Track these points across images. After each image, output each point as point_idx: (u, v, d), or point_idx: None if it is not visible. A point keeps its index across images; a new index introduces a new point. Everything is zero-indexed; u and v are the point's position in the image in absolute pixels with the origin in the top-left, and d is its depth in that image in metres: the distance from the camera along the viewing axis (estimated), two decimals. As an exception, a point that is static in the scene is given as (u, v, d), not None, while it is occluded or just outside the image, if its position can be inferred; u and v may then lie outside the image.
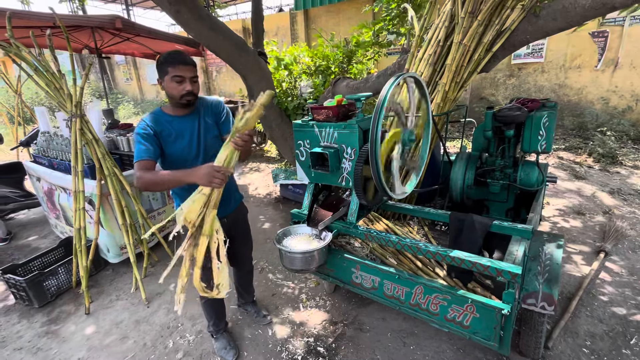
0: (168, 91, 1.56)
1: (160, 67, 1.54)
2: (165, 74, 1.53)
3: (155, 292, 2.72)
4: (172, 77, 1.52)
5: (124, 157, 3.17)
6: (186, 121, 1.65)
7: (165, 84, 1.55)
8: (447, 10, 2.54)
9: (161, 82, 1.57)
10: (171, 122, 1.61)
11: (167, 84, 1.54)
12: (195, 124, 1.66)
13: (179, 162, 1.63)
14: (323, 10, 8.99)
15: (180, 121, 1.63)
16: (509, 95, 7.10)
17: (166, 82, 1.54)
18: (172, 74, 1.52)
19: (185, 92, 1.54)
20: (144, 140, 1.53)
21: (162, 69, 1.53)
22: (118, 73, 15.17)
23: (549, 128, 2.18)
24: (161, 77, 1.56)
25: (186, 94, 1.55)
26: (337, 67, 4.45)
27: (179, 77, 1.52)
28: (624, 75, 5.96)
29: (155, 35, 4.38)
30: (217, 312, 2.05)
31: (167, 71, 1.52)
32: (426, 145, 1.93)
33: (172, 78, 1.52)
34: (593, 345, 2.02)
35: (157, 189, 1.50)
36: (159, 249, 3.19)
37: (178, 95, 1.55)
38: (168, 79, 1.53)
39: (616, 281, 2.57)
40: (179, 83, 1.53)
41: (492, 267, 1.37)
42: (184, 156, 1.64)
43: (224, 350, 2.05)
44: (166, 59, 1.52)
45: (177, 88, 1.54)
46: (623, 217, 3.45)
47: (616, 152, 4.99)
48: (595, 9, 2.00)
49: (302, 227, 1.90)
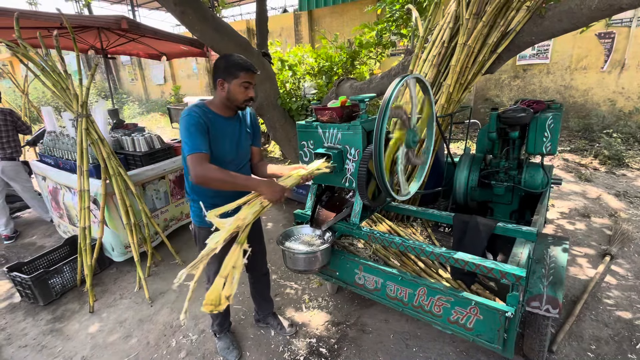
0: (233, 95, 1.57)
1: (230, 69, 1.54)
2: (234, 77, 1.54)
3: (159, 291, 2.74)
4: (241, 82, 1.55)
5: (129, 157, 3.19)
6: (229, 123, 1.65)
7: (232, 87, 1.55)
8: (452, 11, 2.53)
9: (223, 83, 1.56)
10: (216, 120, 1.60)
11: (234, 88, 1.55)
12: (237, 129, 1.67)
13: (214, 162, 1.57)
14: (327, 11, 9.00)
15: (224, 122, 1.63)
16: (513, 97, 7.05)
17: (233, 85, 1.55)
18: (242, 80, 1.54)
19: (249, 97, 1.59)
20: (200, 131, 1.50)
21: (232, 72, 1.53)
22: (123, 73, 15.29)
23: (554, 130, 2.17)
24: (226, 79, 1.55)
25: (248, 99, 1.60)
26: (340, 68, 4.45)
27: (247, 83, 1.56)
28: (630, 77, 5.90)
29: (161, 36, 4.40)
30: (223, 312, 2.05)
31: (237, 75, 1.54)
32: (430, 143, 1.92)
33: (241, 83, 1.55)
34: (598, 350, 2.00)
35: (218, 185, 1.47)
36: (162, 249, 3.20)
37: (242, 99, 1.58)
38: (237, 82, 1.54)
39: (622, 285, 2.54)
40: (246, 89, 1.57)
41: (495, 270, 1.36)
42: (221, 157, 1.62)
43: (227, 350, 2.05)
44: (239, 64, 1.54)
45: (243, 93, 1.57)
46: (629, 220, 3.42)
47: (622, 155, 4.94)
48: (601, 10, 1.99)
49: (305, 227, 1.90)
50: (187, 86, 12.86)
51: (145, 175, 3.01)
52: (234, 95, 1.57)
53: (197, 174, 1.43)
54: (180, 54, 5.81)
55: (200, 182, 1.45)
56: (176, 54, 5.82)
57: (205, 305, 1.31)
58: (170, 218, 3.36)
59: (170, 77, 13.30)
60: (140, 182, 2.99)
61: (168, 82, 13.44)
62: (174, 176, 3.33)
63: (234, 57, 1.57)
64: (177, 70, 13.23)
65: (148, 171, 3.04)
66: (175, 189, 3.37)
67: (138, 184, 2.95)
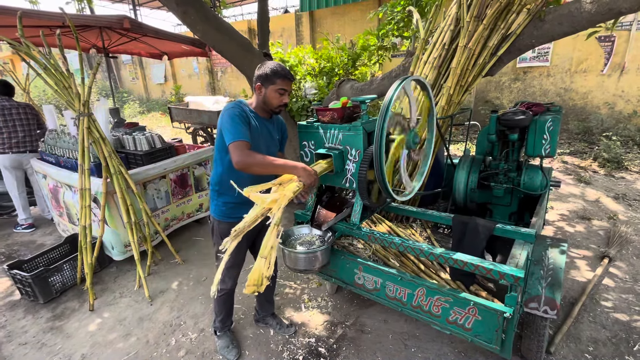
0: (268, 99, 1.68)
1: (268, 76, 1.65)
2: (271, 83, 1.65)
3: (159, 290, 2.75)
4: (278, 88, 1.66)
5: (130, 156, 3.20)
6: (265, 124, 1.76)
7: (268, 92, 1.67)
8: (453, 14, 2.55)
9: (261, 87, 1.68)
10: (255, 118, 1.70)
11: (270, 93, 1.67)
12: (268, 131, 1.77)
13: None
14: (328, 12, 9.02)
15: (261, 121, 1.74)
16: (513, 99, 7.07)
17: (269, 90, 1.66)
18: (278, 86, 1.65)
19: (283, 103, 1.70)
20: (243, 122, 1.60)
21: (270, 78, 1.65)
22: (124, 72, 15.31)
23: (553, 132, 2.18)
24: (264, 84, 1.67)
25: (282, 105, 1.71)
26: (341, 69, 4.46)
27: (282, 90, 1.67)
28: (630, 80, 5.92)
29: (162, 36, 4.42)
30: (228, 309, 2.07)
31: (274, 82, 1.65)
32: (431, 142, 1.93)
33: (277, 90, 1.66)
34: (595, 351, 2.01)
35: (258, 170, 1.53)
36: (162, 248, 3.21)
37: (276, 104, 1.70)
38: (273, 88, 1.66)
39: (620, 287, 2.55)
40: (281, 95, 1.68)
41: (494, 271, 1.37)
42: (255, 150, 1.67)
43: (227, 349, 2.06)
44: (277, 72, 1.65)
45: (278, 98, 1.68)
46: (628, 223, 3.43)
47: (622, 158, 4.95)
48: (601, 14, 2.00)
49: (305, 227, 1.91)
50: (188, 86, 12.88)
51: (146, 175, 3.02)
52: (270, 100, 1.68)
53: (240, 159, 1.50)
54: (181, 54, 5.82)
55: (242, 167, 1.51)
56: (177, 54, 5.84)
57: (248, 286, 1.36)
58: (172, 218, 3.37)
59: (171, 76, 13.32)
60: (141, 181, 3.00)
61: (169, 82, 13.46)
62: (175, 175, 3.34)
63: (273, 65, 1.67)
64: (178, 70, 13.25)
65: (149, 170, 3.05)
66: (177, 189, 3.38)
67: (139, 183, 2.96)
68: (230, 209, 1.79)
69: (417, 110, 1.78)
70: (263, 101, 1.70)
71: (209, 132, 6.52)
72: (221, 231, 1.84)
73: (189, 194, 3.51)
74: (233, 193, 1.72)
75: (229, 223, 1.79)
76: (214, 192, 1.82)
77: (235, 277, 1.94)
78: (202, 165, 3.61)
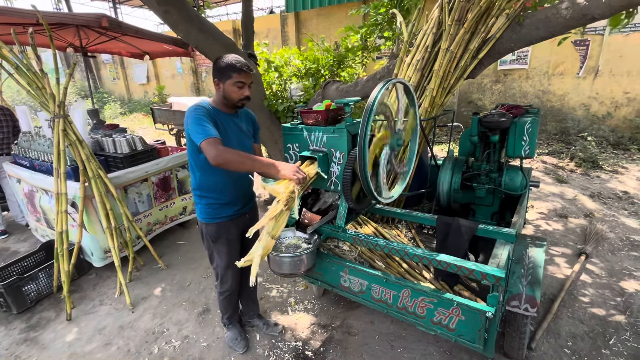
0: (228, 94, 1.66)
1: (223, 70, 1.63)
2: (227, 78, 1.63)
3: (141, 296, 2.67)
4: (234, 82, 1.63)
5: (109, 159, 3.10)
6: (231, 119, 1.74)
7: (226, 87, 1.65)
8: (435, 17, 2.58)
9: (219, 83, 1.66)
10: (219, 115, 1.69)
11: (228, 88, 1.64)
12: (237, 126, 1.76)
13: None
14: (314, 13, 9.02)
15: (227, 117, 1.72)
16: (495, 100, 7.25)
17: (227, 85, 1.64)
18: (235, 80, 1.63)
19: (244, 97, 1.68)
20: (209, 120, 1.59)
21: (225, 72, 1.62)
22: (104, 72, 14.87)
23: (532, 134, 2.24)
24: (221, 79, 1.65)
25: (244, 98, 1.68)
26: (327, 70, 4.47)
27: (240, 83, 1.64)
28: (604, 83, 6.16)
29: (143, 35, 4.31)
30: (233, 307, 2.13)
31: (230, 76, 1.62)
32: (413, 149, 1.95)
33: (234, 83, 1.63)
34: (574, 346, 2.07)
35: (236, 166, 1.52)
36: (144, 253, 3.13)
37: (237, 98, 1.67)
38: (230, 83, 1.63)
39: (596, 283, 2.64)
40: (240, 88, 1.65)
41: (476, 271, 1.39)
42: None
43: (235, 340, 2.11)
44: (231, 65, 1.62)
45: (237, 92, 1.65)
46: (603, 220, 3.57)
47: (597, 157, 5.15)
48: (575, 19, 2.07)
49: (290, 230, 1.89)
50: (171, 86, 12.63)
51: (126, 178, 2.93)
52: (229, 95, 1.66)
53: (215, 156, 1.47)
54: (163, 54, 5.70)
55: (220, 164, 1.48)
56: (159, 54, 5.71)
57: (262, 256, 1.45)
58: (154, 222, 3.28)
59: (153, 76, 13.02)
60: (122, 185, 2.91)
61: (151, 82, 13.15)
62: (157, 179, 3.25)
63: (227, 59, 1.64)
64: (161, 70, 12.97)
65: (130, 173, 2.96)
66: (159, 192, 3.29)
67: (119, 186, 2.87)
68: (214, 210, 1.79)
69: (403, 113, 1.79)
70: (224, 96, 1.68)
71: (193, 134, 6.40)
72: (209, 233, 1.84)
73: (172, 197, 3.43)
74: (214, 194, 1.76)
75: (216, 224, 1.80)
76: (196, 196, 1.82)
77: (234, 276, 1.95)
78: (185, 168, 3.54)
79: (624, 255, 2.98)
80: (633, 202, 3.97)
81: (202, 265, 3.07)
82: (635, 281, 2.64)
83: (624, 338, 2.12)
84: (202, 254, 3.27)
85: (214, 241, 1.84)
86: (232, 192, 1.78)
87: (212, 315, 2.45)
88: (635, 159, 5.36)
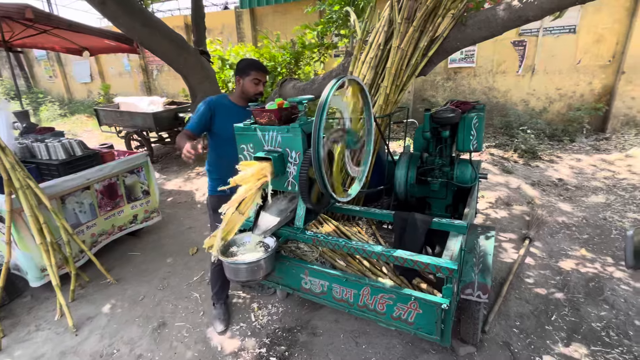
0: (246, 89, 2.04)
1: (244, 69, 2.02)
2: (247, 75, 2.02)
3: (86, 316, 2.44)
4: (252, 79, 2.02)
5: (42, 166, 2.79)
6: (241, 111, 2.03)
7: (245, 82, 2.03)
8: (386, 15, 2.63)
9: (239, 79, 2.05)
10: (231, 107, 2.08)
11: (247, 83, 2.03)
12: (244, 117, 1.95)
13: (220, 137, 2.08)
14: (270, 9, 8.85)
15: (236, 109, 2.07)
16: (447, 97, 7.64)
17: (246, 81, 2.03)
18: (253, 77, 2.01)
19: (259, 92, 2.06)
20: (199, 116, 2.03)
21: (245, 70, 2.02)
22: (39, 69, 13.43)
23: (479, 128, 2.37)
24: (242, 76, 2.04)
25: (258, 93, 2.07)
26: (284, 68, 4.39)
27: (257, 80, 2.03)
28: (539, 80, 6.74)
29: (79, 29, 3.92)
30: (222, 282, 2.29)
31: (249, 73, 2.01)
32: (369, 148, 1.96)
33: (252, 80, 2.02)
34: (522, 325, 2.23)
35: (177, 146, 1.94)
36: (90, 268, 2.85)
37: (252, 92, 2.05)
38: (249, 79, 2.02)
39: (539, 264, 2.88)
40: (256, 85, 2.04)
41: (431, 265, 1.43)
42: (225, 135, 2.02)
43: (218, 320, 2.28)
44: (251, 65, 2.04)
45: (253, 87, 2.04)
46: (543, 206, 3.90)
47: (536, 148, 5.62)
48: (513, 20, 2.22)
49: (247, 235, 1.82)
50: (118, 85, 11.72)
51: (63, 187, 2.65)
52: (247, 89, 2.04)
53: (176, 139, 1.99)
54: (106, 50, 5.26)
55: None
56: (101, 50, 5.26)
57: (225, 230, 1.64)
58: (99, 232, 3.01)
59: (97, 74, 12.00)
60: (58, 195, 2.62)
61: (96, 80, 12.12)
62: (101, 186, 2.98)
63: (249, 59, 2.10)
64: (106, 67, 11.99)
65: (67, 182, 2.68)
66: (104, 200, 3.02)
67: (55, 196, 2.58)
68: (216, 183, 2.09)
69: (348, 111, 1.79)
70: (242, 91, 2.05)
71: (145, 136, 5.99)
72: (211, 204, 2.20)
73: (119, 205, 3.17)
74: (216, 170, 2.14)
75: (216, 196, 2.15)
76: (207, 171, 2.22)
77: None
78: (134, 173, 3.28)
79: (561, 237, 3.27)
80: (567, 188, 4.39)
81: (157, 277, 2.88)
82: (571, 260, 2.91)
83: (563, 314, 2.32)
84: (157, 264, 3.07)
85: (214, 211, 2.12)
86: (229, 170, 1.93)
87: (170, 330, 2.30)
88: (567, 149, 5.93)
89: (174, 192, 4.81)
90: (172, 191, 4.86)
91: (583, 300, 2.43)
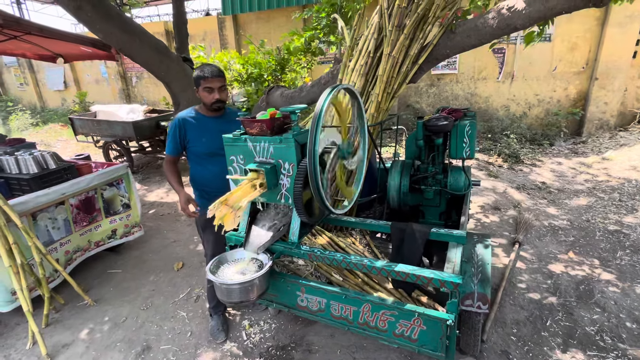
0: (202, 99, 1.94)
1: (195, 80, 1.91)
2: (198, 85, 1.91)
3: (62, 343, 2.25)
4: (204, 88, 1.89)
5: (12, 181, 2.59)
6: (211, 122, 1.98)
7: (200, 93, 1.93)
8: (375, 22, 2.61)
9: (197, 91, 1.94)
10: (199, 120, 1.98)
11: (201, 93, 1.93)
12: (218, 127, 1.91)
13: (194, 154, 2.01)
14: (253, 16, 8.78)
15: (207, 121, 1.98)
16: (431, 103, 7.75)
17: (200, 91, 1.92)
18: (203, 86, 1.89)
19: (215, 100, 1.91)
20: (171, 136, 1.98)
21: (196, 81, 1.91)
22: (8, 76, 12.80)
23: (471, 136, 2.36)
24: (197, 87, 1.93)
25: (215, 102, 1.92)
26: (270, 75, 4.33)
27: (209, 88, 1.89)
28: (519, 86, 6.96)
29: (52, 35, 3.72)
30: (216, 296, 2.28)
31: (199, 83, 1.89)
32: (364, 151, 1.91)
33: (204, 89, 1.90)
34: (519, 332, 2.22)
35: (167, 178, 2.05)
36: (65, 289, 2.65)
37: (209, 102, 1.93)
38: (202, 90, 1.91)
39: (530, 268, 2.89)
40: (209, 93, 1.90)
41: (435, 279, 1.38)
42: (200, 151, 1.98)
43: (217, 330, 2.24)
44: (199, 76, 1.89)
45: (208, 97, 1.91)
46: (529, 210, 3.96)
47: (518, 153, 5.76)
48: (501, 28, 2.24)
49: (239, 251, 1.72)
50: (95, 92, 11.29)
51: (35, 203, 2.46)
52: (204, 99, 1.94)
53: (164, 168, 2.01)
54: (81, 56, 5.01)
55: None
56: (76, 56, 5.00)
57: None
58: (74, 249, 2.81)
59: (72, 81, 11.53)
60: (29, 212, 2.43)
61: (71, 88, 11.63)
62: (77, 200, 2.80)
63: (198, 69, 1.92)
64: (82, 74, 11.55)
65: (40, 197, 2.49)
66: (80, 215, 2.83)
67: (25, 214, 2.40)
68: (202, 200, 2.05)
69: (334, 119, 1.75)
70: (202, 102, 1.96)
71: (124, 146, 5.74)
72: (199, 221, 2.13)
73: (96, 220, 2.98)
74: (199, 186, 2.08)
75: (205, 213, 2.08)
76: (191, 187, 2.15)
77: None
78: (114, 185, 3.11)
79: (548, 240, 3.32)
80: (550, 191, 4.49)
81: (141, 295, 2.71)
82: (560, 263, 2.95)
83: (557, 318, 2.33)
84: (139, 282, 2.90)
85: (203, 230, 2.11)
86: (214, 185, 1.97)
87: (155, 354, 2.15)
88: (547, 152, 6.11)
89: (157, 204, 4.61)
90: (154, 203, 4.66)
91: (575, 304, 2.45)
